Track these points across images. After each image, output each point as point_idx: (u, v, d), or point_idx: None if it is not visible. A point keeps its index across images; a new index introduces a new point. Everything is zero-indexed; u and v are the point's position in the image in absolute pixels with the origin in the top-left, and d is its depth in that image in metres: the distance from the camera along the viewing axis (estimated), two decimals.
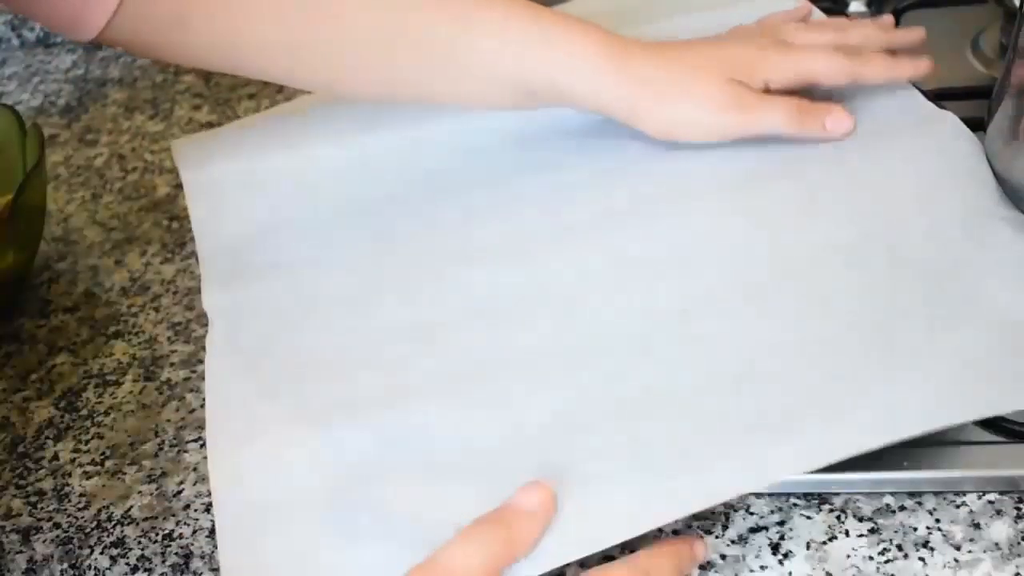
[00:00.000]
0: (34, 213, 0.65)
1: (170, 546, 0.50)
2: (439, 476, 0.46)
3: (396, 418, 0.48)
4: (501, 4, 0.56)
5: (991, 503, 0.45)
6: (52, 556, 0.51)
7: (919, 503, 0.46)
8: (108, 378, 0.60)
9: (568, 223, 0.56)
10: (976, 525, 0.45)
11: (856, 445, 0.42)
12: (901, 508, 0.46)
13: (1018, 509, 0.45)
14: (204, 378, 0.53)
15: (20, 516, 0.53)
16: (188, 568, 0.49)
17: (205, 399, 0.52)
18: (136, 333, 0.62)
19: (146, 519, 0.52)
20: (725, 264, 0.52)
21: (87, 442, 0.56)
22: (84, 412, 0.58)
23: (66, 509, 0.53)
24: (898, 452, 0.46)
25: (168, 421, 0.56)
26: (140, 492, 0.53)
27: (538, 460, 0.45)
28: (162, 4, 0.55)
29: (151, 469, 0.54)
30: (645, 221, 0.55)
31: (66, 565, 0.50)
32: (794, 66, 0.57)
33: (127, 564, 0.50)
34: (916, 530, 0.45)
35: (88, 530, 0.52)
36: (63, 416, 0.58)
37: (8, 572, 0.50)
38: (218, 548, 0.45)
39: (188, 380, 0.59)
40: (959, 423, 0.45)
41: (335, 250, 0.58)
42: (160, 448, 0.55)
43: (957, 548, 0.44)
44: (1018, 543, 0.44)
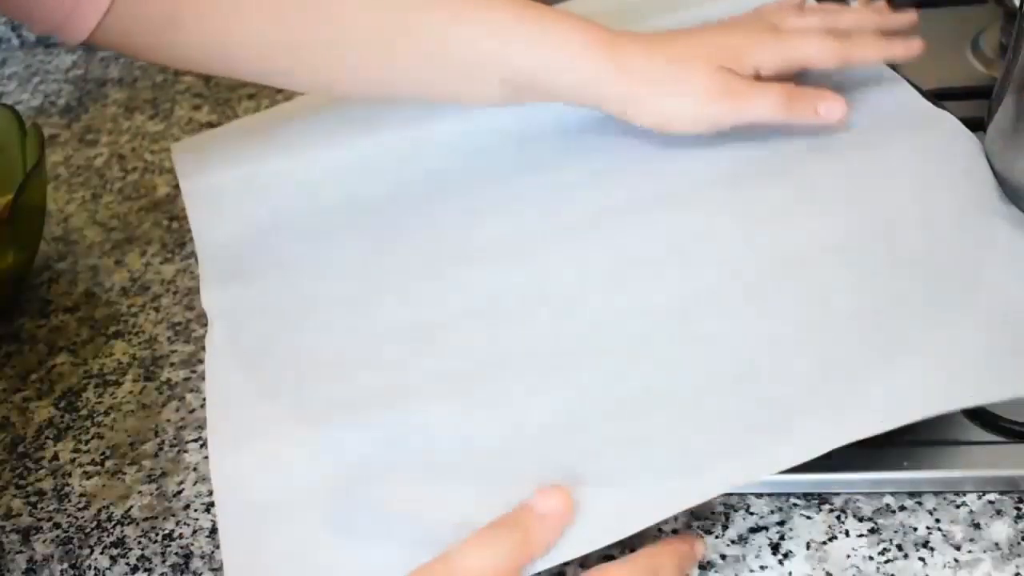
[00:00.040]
0: (34, 213, 0.65)
1: (170, 546, 0.50)
2: (439, 476, 0.46)
3: (396, 418, 0.48)
4: (499, 2, 0.56)
5: (991, 503, 0.45)
6: (52, 556, 0.51)
7: (919, 503, 0.46)
8: (108, 378, 0.60)
9: (568, 223, 0.56)
10: (976, 525, 0.45)
11: (857, 432, 0.42)
12: (901, 508, 0.46)
13: (1018, 509, 0.45)
14: (204, 378, 0.53)
15: (20, 516, 0.53)
16: (188, 568, 0.49)
17: (205, 399, 0.52)
18: (136, 333, 0.62)
19: (146, 519, 0.52)
20: (725, 263, 0.52)
21: (87, 442, 0.56)
22: (84, 412, 0.58)
23: (66, 509, 0.53)
24: (898, 452, 0.46)
25: (168, 421, 0.56)
26: (140, 492, 0.53)
27: (538, 459, 0.45)
28: (153, 4, 0.54)
29: (151, 469, 0.54)
30: (645, 220, 0.55)
31: (66, 565, 0.50)
32: (784, 51, 0.56)
33: (127, 564, 0.50)
34: (916, 530, 0.45)
35: (88, 530, 0.52)
36: (63, 416, 0.58)
37: (8, 572, 0.50)
38: (221, 548, 0.45)
39: (188, 380, 0.59)
40: (956, 409, 0.45)
41: (335, 250, 0.58)
42: (160, 448, 0.55)
43: (957, 548, 0.44)
44: (1018, 543, 0.44)
